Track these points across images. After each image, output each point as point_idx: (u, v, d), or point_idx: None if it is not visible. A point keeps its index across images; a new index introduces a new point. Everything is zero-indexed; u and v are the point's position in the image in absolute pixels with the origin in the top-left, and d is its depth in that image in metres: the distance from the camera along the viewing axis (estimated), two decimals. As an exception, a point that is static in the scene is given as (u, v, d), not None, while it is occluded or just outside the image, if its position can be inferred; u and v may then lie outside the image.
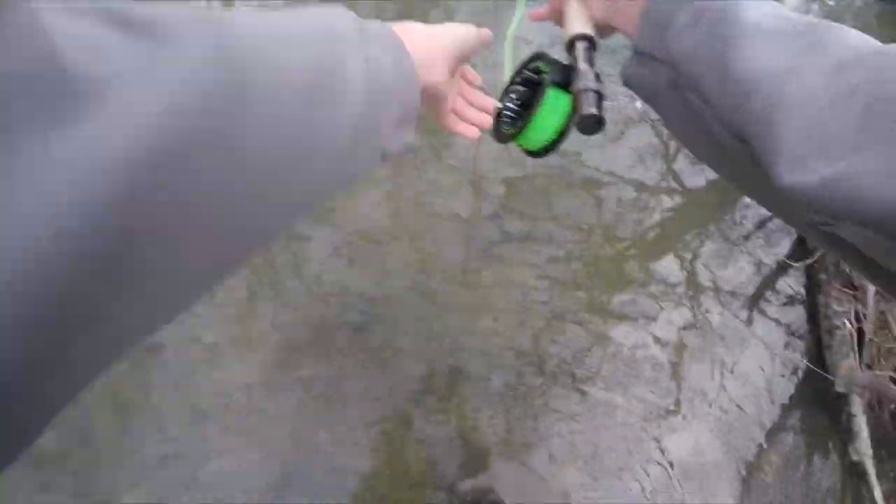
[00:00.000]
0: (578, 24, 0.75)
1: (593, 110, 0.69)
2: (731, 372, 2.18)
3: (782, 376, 2.24)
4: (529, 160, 1.52)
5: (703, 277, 2.33)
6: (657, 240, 2.34)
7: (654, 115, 1.66)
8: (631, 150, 2.47)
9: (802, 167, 0.48)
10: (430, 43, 0.70)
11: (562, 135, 0.77)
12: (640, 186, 2.42)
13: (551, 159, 1.62)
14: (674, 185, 2.47)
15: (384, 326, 1.89)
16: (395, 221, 2.06)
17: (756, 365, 2.23)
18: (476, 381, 1.90)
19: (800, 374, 2.25)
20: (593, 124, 0.70)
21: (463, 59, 0.75)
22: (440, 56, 0.71)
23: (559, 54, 0.79)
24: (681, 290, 2.27)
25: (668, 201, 2.43)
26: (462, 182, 2.18)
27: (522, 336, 2.01)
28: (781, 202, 0.52)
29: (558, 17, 0.81)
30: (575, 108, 0.71)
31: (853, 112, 0.46)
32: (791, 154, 0.49)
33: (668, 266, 2.30)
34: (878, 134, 0.44)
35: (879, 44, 0.53)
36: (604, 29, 0.77)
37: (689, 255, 2.35)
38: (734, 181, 0.68)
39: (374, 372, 1.83)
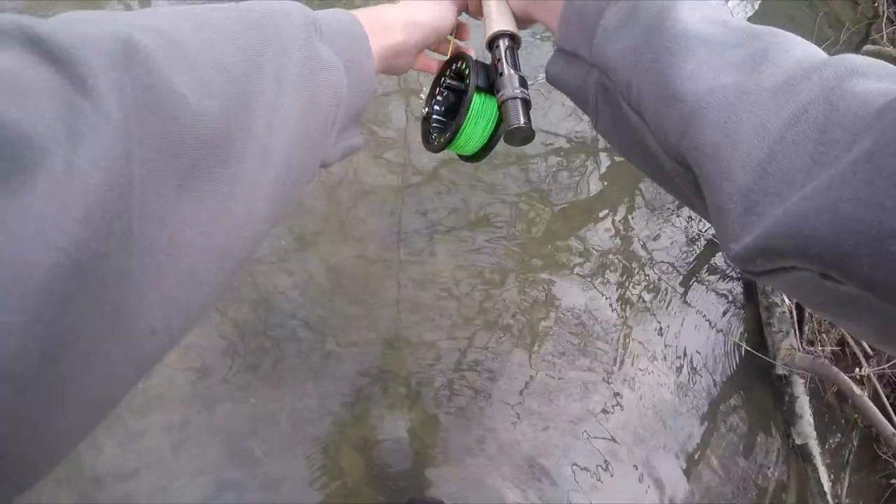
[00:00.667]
0: (498, 19, 0.71)
1: (521, 122, 0.65)
2: (672, 347, 2.16)
3: (724, 354, 2.23)
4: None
5: (638, 246, 2.28)
6: (590, 205, 2.28)
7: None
8: (563, 106, 2.37)
9: (755, 219, 0.43)
10: (404, 34, 0.66)
11: (493, 139, 0.73)
12: (575, 146, 2.34)
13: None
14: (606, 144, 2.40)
15: (313, 332, 1.81)
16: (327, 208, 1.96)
17: (695, 341, 2.21)
18: (410, 383, 1.84)
19: (742, 351, 2.24)
20: (521, 137, 0.66)
21: (436, 42, 0.73)
22: (412, 47, 0.68)
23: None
24: (615, 258, 2.22)
25: (605, 161, 2.37)
26: (391, 164, 2.08)
27: (456, 331, 1.94)
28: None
29: (478, 12, 0.76)
30: (501, 116, 0.67)
31: (808, 140, 0.42)
32: (742, 200, 0.44)
33: (601, 235, 2.24)
34: (830, 162, 0.39)
35: (822, 54, 0.48)
36: (526, 22, 0.73)
37: (622, 224, 2.30)
38: (674, 195, 0.63)
39: (307, 377, 1.75)
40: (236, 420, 1.66)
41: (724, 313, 2.30)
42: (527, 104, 0.67)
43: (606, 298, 2.15)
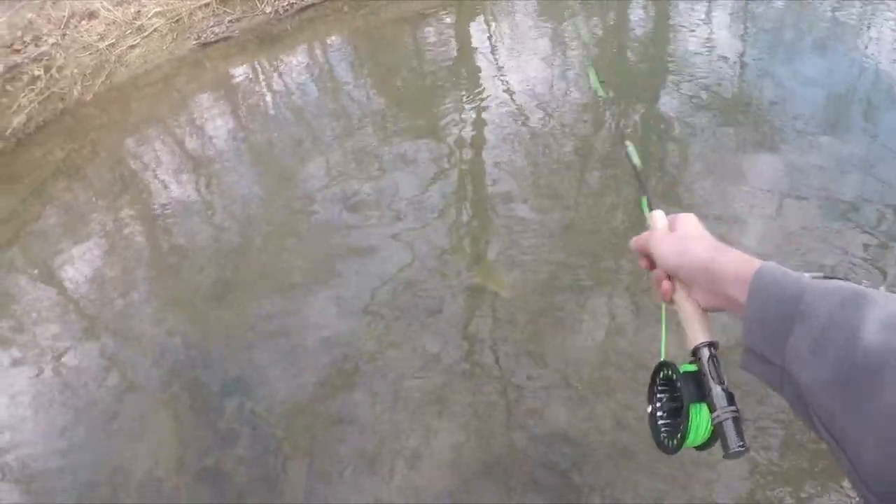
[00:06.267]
0: (698, 327, 0.83)
1: (736, 447, 0.75)
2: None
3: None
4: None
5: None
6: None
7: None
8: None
9: None
10: None
11: (713, 437, 0.81)
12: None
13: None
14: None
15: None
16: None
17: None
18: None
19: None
20: (741, 454, 0.76)
21: None
22: None
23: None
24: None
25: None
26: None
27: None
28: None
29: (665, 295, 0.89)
30: (715, 433, 0.79)
31: None
32: None
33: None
34: None
35: None
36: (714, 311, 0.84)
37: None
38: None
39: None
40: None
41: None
42: (738, 421, 0.77)
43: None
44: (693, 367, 0.84)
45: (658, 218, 0.97)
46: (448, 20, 6.16)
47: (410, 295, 3.39)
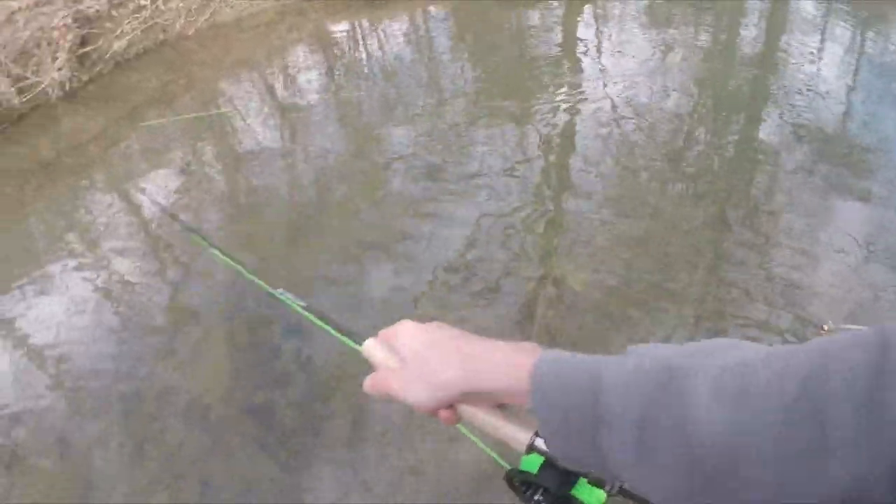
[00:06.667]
0: (511, 428, 0.68)
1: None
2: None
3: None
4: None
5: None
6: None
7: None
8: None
9: None
10: None
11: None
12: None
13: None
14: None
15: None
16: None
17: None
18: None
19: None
20: None
21: None
22: None
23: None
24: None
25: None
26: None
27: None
28: None
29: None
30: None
31: None
32: None
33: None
34: None
35: None
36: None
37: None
38: None
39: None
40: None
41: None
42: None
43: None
44: (537, 458, 0.71)
45: (372, 349, 0.77)
46: (557, 10, 6.06)
47: (477, 271, 3.37)
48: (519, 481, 0.75)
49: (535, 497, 0.74)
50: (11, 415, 2.80)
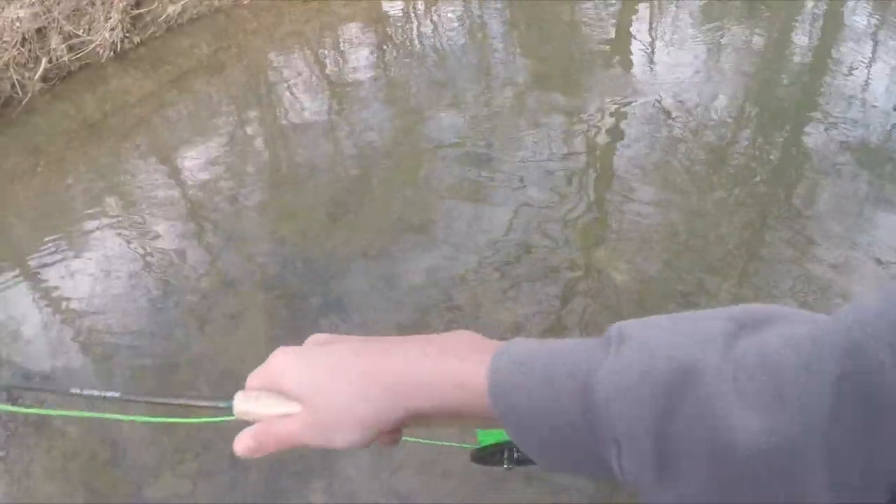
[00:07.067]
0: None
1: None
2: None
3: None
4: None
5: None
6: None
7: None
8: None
9: None
10: None
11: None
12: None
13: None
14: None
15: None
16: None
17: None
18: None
19: None
20: None
21: None
22: None
23: None
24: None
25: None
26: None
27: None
28: None
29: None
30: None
31: None
32: None
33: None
34: None
35: None
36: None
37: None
38: None
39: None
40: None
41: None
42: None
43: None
44: (498, 433, 0.70)
45: (247, 405, 0.58)
46: (613, 5, 5.95)
47: (516, 259, 3.34)
48: (489, 453, 0.74)
49: (515, 455, 0.74)
50: (42, 374, 2.80)
